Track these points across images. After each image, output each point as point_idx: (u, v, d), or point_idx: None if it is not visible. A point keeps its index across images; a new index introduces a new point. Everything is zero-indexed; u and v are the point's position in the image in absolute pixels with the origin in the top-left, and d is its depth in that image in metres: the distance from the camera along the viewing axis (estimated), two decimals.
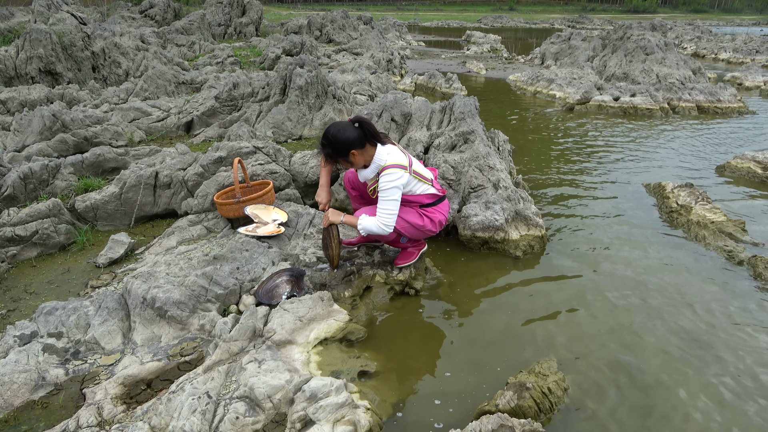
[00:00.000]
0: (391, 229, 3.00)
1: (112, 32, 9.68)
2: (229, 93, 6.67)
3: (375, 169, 3.04)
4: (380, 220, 2.98)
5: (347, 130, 2.94)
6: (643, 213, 4.82)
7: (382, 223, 2.98)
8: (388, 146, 3.05)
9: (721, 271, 3.75)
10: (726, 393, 2.56)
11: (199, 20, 14.72)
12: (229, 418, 2.06)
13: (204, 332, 2.73)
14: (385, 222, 2.98)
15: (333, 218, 3.11)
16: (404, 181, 2.99)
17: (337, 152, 2.98)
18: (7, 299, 3.15)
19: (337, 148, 2.96)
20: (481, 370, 2.70)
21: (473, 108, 4.91)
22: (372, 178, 3.14)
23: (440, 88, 11.13)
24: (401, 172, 2.97)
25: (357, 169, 3.14)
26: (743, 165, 5.94)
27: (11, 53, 8.20)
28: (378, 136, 3.03)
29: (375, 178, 3.11)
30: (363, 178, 3.17)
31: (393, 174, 2.95)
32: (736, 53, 19.92)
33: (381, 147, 3.03)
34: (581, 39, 15.85)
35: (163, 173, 4.22)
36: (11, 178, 3.94)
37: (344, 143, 2.93)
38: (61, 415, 2.22)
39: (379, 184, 2.99)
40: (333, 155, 3.01)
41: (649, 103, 9.38)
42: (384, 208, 2.98)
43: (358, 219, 3.04)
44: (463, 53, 20.04)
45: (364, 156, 3.02)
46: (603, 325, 3.09)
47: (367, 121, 3.00)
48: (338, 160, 3.06)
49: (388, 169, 2.96)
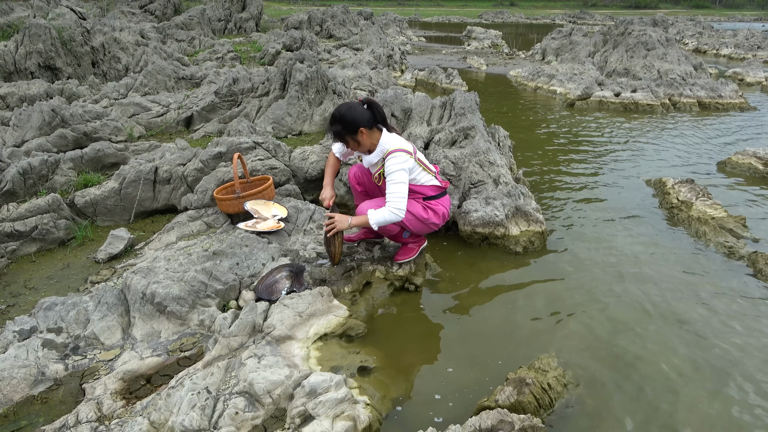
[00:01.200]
0: (404, 213, 2.97)
1: (112, 27, 9.65)
2: (229, 88, 6.65)
3: (380, 153, 3.05)
4: (391, 205, 2.95)
5: (357, 108, 2.97)
6: (643, 209, 4.81)
7: (394, 207, 2.94)
8: (393, 134, 3.09)
9: (721, 267, 3.74)
10: (727, 389, 2.55)
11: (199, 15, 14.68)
12: (229, 414, 2.06)
13: (203, 328, 2.73)
14: (396, 206, 2.95)
15: (341, 226, 3.03)
16: (410, 165, 3.01)
17: (345, 129, 2.98)
18: (6, 294, 3.15)
19: (346, 124, 2.97)
20: (481, 366, 2.70)
21: (474, 103, 4.90)
22: (377, 164, 3.14)
23: (441, 84, 11.11)
24: (406, 155, 2.99)
25: (362, 151, 3.14)
26: (744, 161, 5.92)
27: (10, 48, 8.18)
28: (385, 121, 3.07)
29: (380, 163, 3.11)
30: (368, 163, 3.17)
31: (399, 157, 2.97)
32: (737, 49, 19.86)
33: (386, 133, 3.05)
34: (582, 35, 15.82)
35: (162, 169, 4.21)
36: (10, 174, 3.93)
37: (354, 120, 2.95)
38: (60, 411, 2.22)
39: (386, 168, 3.00)
40: (342, 132, 3.01)
41: (650, 99, 9.36)
42: (393, 191, 2.96)
43: (366, 216, 2.99)
44: (464, 49, 19.99)
45: (371, 138, 3.03)
46: (603, 321, 3.08)
47: (377, 103, 3.03)
48: (346, 139, 3.05)
49: (394, 153, 2.98)
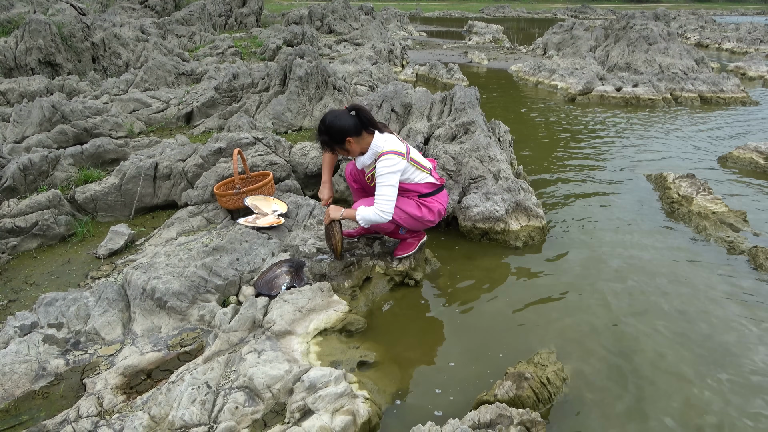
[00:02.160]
0: (390, 216, 2.99)
1: (112, 23, 9.63)
2: (229, 84, 6.64)
3: (372, 155, 3.05)
4: (378, 207, 2.97)
5: (343, 118, 2.94)
6: (644, 203, 4.81)
7: (380, 210, 2.97)
8: (385, 134, 3.06)
9: (722, 261, 3.74)
10: (727, 384, 2.56)
11: (200, 11, 14.63)
12: (229, 408, 2.07)
13: (203, 323, 2.74)
14: (382, 208, 2.97)
15: (333, 215, 3.12)
16: (401, 167, 2.99)
17: (332, 139, 2.98)
18: (7, 290, 3.16)
19: (332, 135, 2.96)
20: (481, 361, 2.70)
21: (474, 98, 4.88)
22: (369, 165, 3.14)
23: (441, 79, 11.08)
24: (398, 158, 2.98)
25: (354, 157, 3.14)
26: (745, 155, 5.91)
27: (11, 44, 8.17)
28: (375, 124, 3.04)
29: (372, 164, 3.11)
30: (360, 164, 3.17)
31: (390, 159, 2.96)
32: (739, 43, 19.77)
33: (378, 134, 3.04)
34: (584, 29, 15.74)
35: (162, 164, 4.21)
36: (11, 170, 3.93)
37: (340, 130, 2.94)
38: (61, 405, 2.24)
39: (376, 170, 2.99)
40: (329, 143, 3.02)
41: (652, 94, 9.33)
42: (381, 194, 2.97)
43: (356, 211, 3.04)
44: (465, 44, 19.92)
45: (361, 144, 3.02)
46: (602, 316, 3.09)
47: (364, 108, 3.00)
48: (335, 148, 3.06)
49: (385, 155, 2.97)
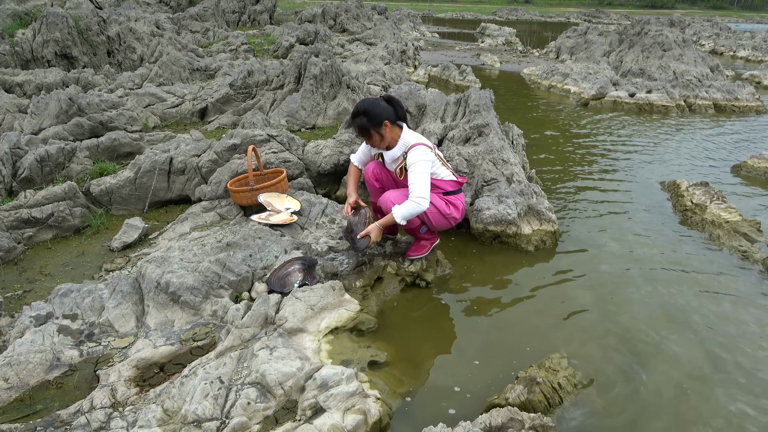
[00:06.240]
0: (428, 202, 3.00)
1: (128, 17, 9.70)
2: (244, 80, 6.67)
3: (402, 148, 3.15)
4: (414, 195, 2.99)
5: (380, 103, 3.08)
6: (656, 211, 4.78)
7: (417, 197, 2.98)
8: (411, 131, 3.20)
9: (735, 270, 3.71)
10: (738, 392, 2.54)
11: (214, 7, 14.71)
12: (241, 404, 2.08)
13: (216, 318, 2.76)
14: (419, 194, 2.98)
15: (376, 236, 3.10)
16: (432, 158, 3.10)
17: (371, 121, 3.04)
18: (23, 280, 3.19)
19: (371, 117, 3.04)
20: (491, 364, 2.70)
21: (488, 101, 4.87)
22: (398, 158, 3.21)
23: (454, 81, 11.06)
24: (427, 149, 3.10)
25: (382, 147, 3.20)
26: (760, 165, 5.85)
27: (28, 36, 8.26)
28: (405, 117, 3.18)
29: (401, 157, 3.18)
30: (390, 158, 3.25)
31: (421, 149, 3.08)
32: (755, 51, 19.60)
33: (407, 129, 3.17)
34: (597, 34, 15.67)
35: (177, 159, 4.24)
36: (28, 161, 3.98)
37: (379, 113, 3.04)
38: (75, 396, 2.25)
39: (408, 160, 3.08)
40: (366, 125, 3.06)
41: (665, 100, 9.26)
42: (415, 181, 3.01)
43: (391, 215, 3.04)
44: (478, 46, 19.88)
45: (393, 133, 3.13)
46: (614, 322, 3.07)
47: (397, 99, 3.14)
48: (371, 132, 3.09)
49: (416, 146, 3.09)
